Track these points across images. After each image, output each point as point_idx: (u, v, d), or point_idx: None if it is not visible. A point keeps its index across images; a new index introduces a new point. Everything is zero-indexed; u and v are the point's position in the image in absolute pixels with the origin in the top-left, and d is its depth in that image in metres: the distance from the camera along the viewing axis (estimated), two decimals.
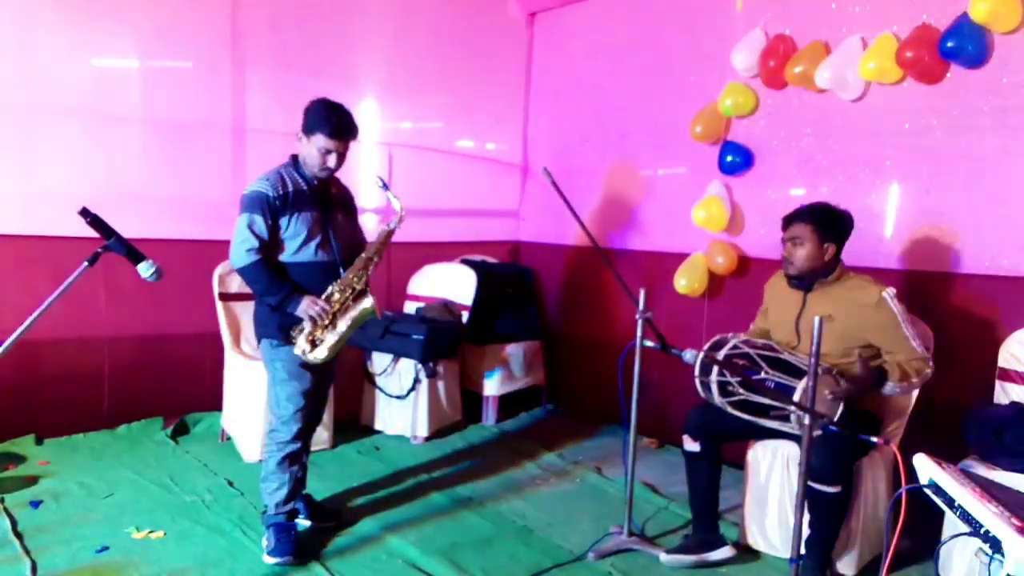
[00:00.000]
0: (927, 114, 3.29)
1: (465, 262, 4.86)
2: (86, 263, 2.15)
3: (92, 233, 2.23)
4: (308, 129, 2.76)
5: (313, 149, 2.75)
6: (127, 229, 2.31)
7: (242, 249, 2.73)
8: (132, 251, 2.22)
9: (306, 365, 2.82)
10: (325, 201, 2.87)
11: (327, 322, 2.77)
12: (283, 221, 2.76)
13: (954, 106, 3.20)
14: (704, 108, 4.04)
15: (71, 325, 3.84)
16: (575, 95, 5.02)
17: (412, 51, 4.86)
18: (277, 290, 2.75)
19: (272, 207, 2.73)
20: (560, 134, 5.18)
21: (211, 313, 3.99)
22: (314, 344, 2.77)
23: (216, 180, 4.22)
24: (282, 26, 4.36)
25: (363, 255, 2.87)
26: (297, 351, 2.76)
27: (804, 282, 2.87)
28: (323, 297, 2.78)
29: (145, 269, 2.22)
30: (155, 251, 2.32)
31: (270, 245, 2.77)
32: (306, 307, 2.74)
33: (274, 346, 2.85)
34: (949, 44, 3.06)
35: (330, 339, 2.78)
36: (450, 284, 4.73)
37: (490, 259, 5.15)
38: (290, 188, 2.78)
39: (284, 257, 2.82)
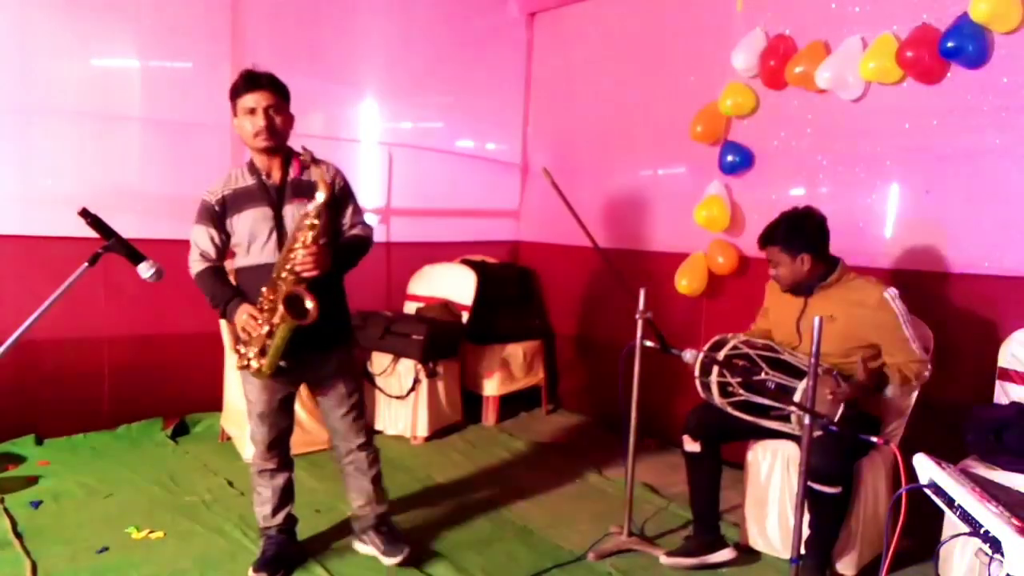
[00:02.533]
0: (927, 114, 3.28)
1: (465, 262, 4.86)
2: (86, 264, 2.15)
3: (92, 233, 2.22)
4: (233, 104, 2.55)
5: (242, 120, 2.52)
6: (127, 229, 2.30)
7: (190, 261, 2.64)
8: (132, 252, 2.22)
9: (258, 381, 2.61)
10: (280, 194, 2.57)
11: (264, 331, 2.45)
12: (228, 224, 2.59)
13: (954, 106, 3.20)
14: (704, 108, 4.04)
15: (71, 325, 3.84)
16: (575, 95, 5.02)
17: (412, 51, 4.86)
18: (218, 300, 2.57)
19: (213, 213, 2.58)
20: (560, 134, 5.17)
21: (211, 313, 3.93)
22: (262, 355, 2.49)
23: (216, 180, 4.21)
24: (282, 26, 4.36)
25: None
26: (237, 366, 2.57)
27: (802, 290, 2.87)
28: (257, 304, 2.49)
29: (145, 270, 2.21)
30: (155, 251, 2.31)
31: (223, 252, 2.64)
32: (238, 317, 2.50)
33: None
34: (949, 44, 3.06)
35: (271, 350, 2.46)
36: (450, 284, 4.73)
37: (490, 259, 5.15)
38: (233, 187, 2.59)
39: (236, 263, 2.66)
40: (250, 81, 2.53)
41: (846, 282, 2.83)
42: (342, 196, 2.66)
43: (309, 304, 2.40)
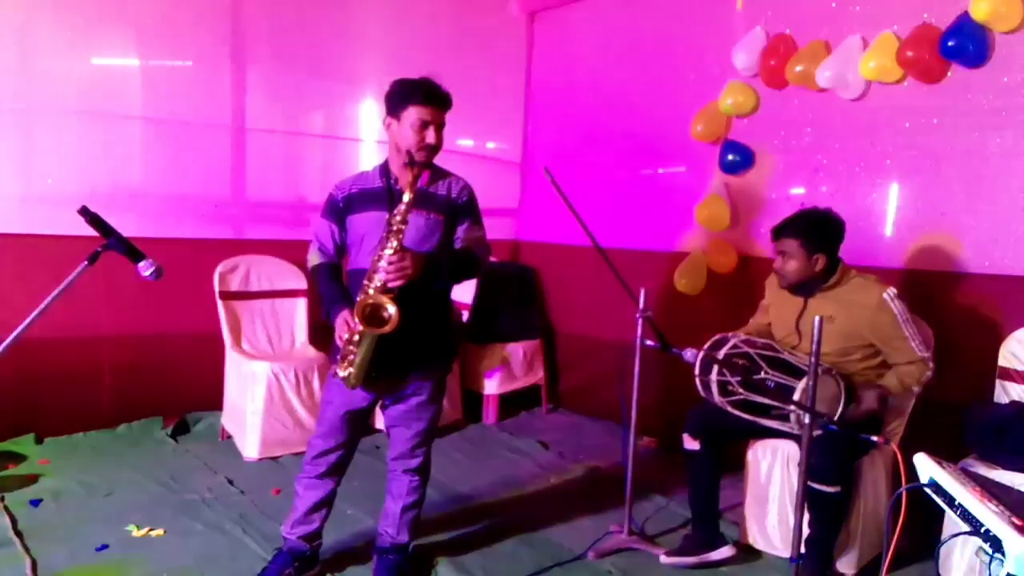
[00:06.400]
0: (927, 114, 3.29)
1: None
2: (86, 262, 2.14)
3: (92, 232, 2.22)
4: (396, 106, 2.48)
5: (406, 127, 2.44)
6: (127, 228, 2.30)
7: (309, 253, 2.62)
8: (132, 250, 2.22)
9: (345, 389, 2.47)
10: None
11: (355, 339, 2.35)
12: (348, 222, 2.54)
13: (954, 106, 3.20)
14: (705, 107, 4.04)
15: (71, 324, 3.84)
16: (575, 94, 5.02)
17: (412, 51, 4.85)
18: (325, 300, 2.51)
19: (337, 208, 2.55)
20: (560, 133, 5.17)
21: (211, 312, 3.99)
22: (352, 364, 2.39)
23: (216, 179, 4.22)
24: (282, 26, 4.36)
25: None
26: (340, 371, 2.43)
27: (803, 289, 2.87)
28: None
29: (145, 268, 2.21)
30: (155, 250, 2.31)
31: (341, 250, 2.59)
32: (336, 322, 2.43)
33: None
34: (950, 43, 3.06)
35: (357, 360, 2.37)
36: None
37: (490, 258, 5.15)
38: (362, 187, 2.55)
39: (348, 264, 2.58)
40: (433, 96, 2.48)
41: (847, 283, 2.82)
42: (462, 209, 2.56)
43: (391, 310, 2.26)
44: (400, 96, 2.49)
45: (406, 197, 2.32)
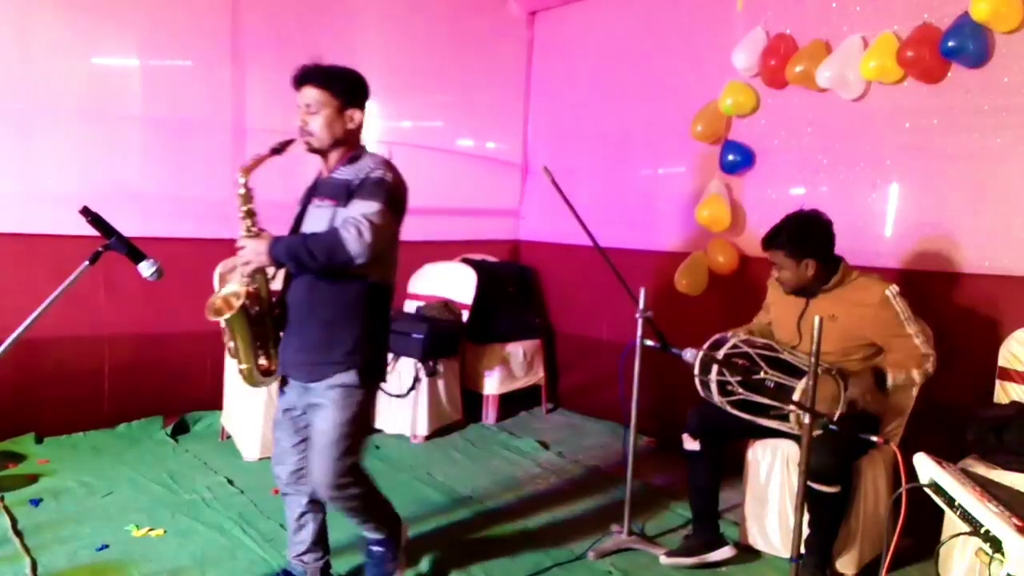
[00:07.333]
0: (927, 114, 3.29)
1: (465, 261, 4.86)
2: (87, 262, 2.15)
3: (93, 232, 2.22)
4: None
5: None
6: (127, 228, 2.30)
7: None
8: (133, 250, 2.22)
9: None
10: (312, 191, 2.46)
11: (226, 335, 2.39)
12: None
13: (955, 106, 3.20)
14: (705, 107, 4.04)
15: (72, 323, 3.84)
16: (575, 94, 5.02)
17: (412, 51, 4.85)
18: None
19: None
20: (560, 133, 5.17)
21: None
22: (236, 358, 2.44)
23: (216, 179, 4.21)
24: (282, 26, 4.35)
25: None
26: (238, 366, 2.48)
27: (804, 292, 2.87)
28: None
29: (146, 268, 2.21)
30: (156, 250, 2.31)
31: None
32: None
33: None
34: (950, 44, 3.06)
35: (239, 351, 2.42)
36: (450, 283, 4.73)
37: (490, 258, 5.15)
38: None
39: None
40: (296, 78, 2.36)
41: (849, 283, 2.82)
42: (356, 188, 2.30)
43: (222, 291, 2.31)
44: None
45: (241, 179, 2.31)
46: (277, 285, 2.48)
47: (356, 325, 2.31)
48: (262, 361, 2.44)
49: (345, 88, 2.40)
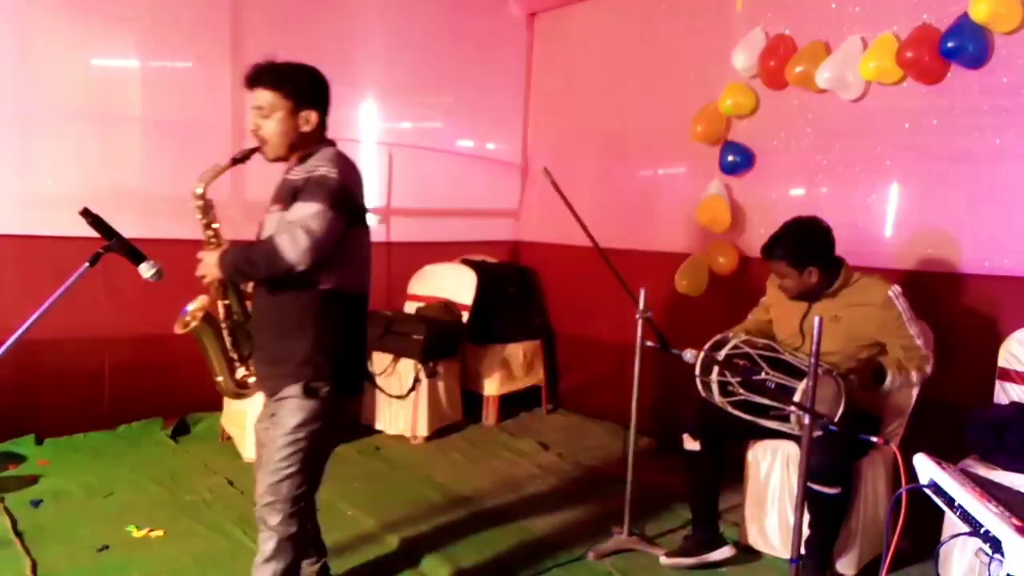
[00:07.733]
0: (927, 114, 3.29)
1: (465, 262, 4.86)
2: (87, 264, 2.14)
3: (93, 233, 2.22)
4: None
5: None
6: (127, 229, 2.30)
7: None
8: (133, 252, 2.22)
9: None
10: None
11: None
12: None
13: (954, 106, 3.20)
14: (704, 108, 4.04)
15: (71, 325, 3.83)
16: (575, 95, 5.02)
17: (412, 51, 4.86)
18: None
19: None
20: (560, 134, 5.17)
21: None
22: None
23: (217, 180, 4.19)
24: (282, 26, 4.36)
25: None
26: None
27: (808, 297, 2.86)
28: None
29: (146, 270, 2.21)
30: (156, 251, 2.31)
31: None
32: None
33: None
34: (949, 44, 3.06)
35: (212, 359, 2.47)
36: (450, 284, 4.73)
37: (490, 259, 5.15)
38: None
39: None
40: (247, 79, 2.25)
41: (851, 285, 2.81)
42: (299, 190, 2.19)
43: (192, 305, 2.36)
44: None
45: (198, 189, 2.31)
46: None
47: (308, 335, 2.18)
48: (240, 374, 2.41)
49: (298, 88, 2.27)
